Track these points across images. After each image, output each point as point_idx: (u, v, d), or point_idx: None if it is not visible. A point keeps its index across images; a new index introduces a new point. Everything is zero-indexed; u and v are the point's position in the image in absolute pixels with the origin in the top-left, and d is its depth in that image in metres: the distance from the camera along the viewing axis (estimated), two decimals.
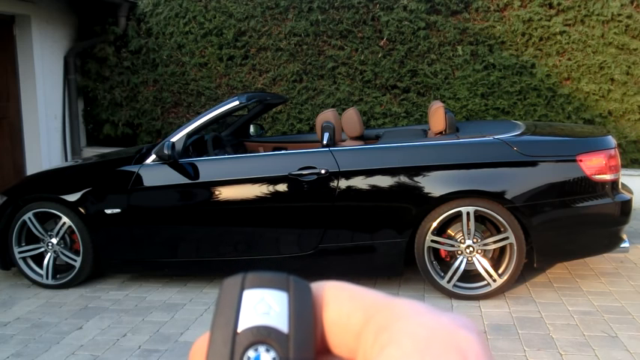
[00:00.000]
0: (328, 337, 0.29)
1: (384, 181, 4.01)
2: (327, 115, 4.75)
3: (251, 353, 0.27)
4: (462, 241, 3.99)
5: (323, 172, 4.05)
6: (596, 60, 6.48)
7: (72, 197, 4.34)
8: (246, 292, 0.29)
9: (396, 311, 0.28)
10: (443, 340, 0.26)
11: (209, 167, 4.26)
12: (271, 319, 0.28)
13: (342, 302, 0.29)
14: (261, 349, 0.27)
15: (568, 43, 6.54)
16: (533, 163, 3.93)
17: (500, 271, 3.96)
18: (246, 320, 0.28)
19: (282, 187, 4.10)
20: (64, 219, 4.36)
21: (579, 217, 3.94)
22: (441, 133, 4.56)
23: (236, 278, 0.29)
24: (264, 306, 0.28)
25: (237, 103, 4.36)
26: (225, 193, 4.17)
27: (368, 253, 4.10)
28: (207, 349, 0.28)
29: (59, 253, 4.46)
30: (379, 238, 4.05)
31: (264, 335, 0.27)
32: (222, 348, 0.27)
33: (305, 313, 0.28)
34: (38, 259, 4.52)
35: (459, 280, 4.00)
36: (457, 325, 0.27)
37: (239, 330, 0.27)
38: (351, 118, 5.03)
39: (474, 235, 3.97)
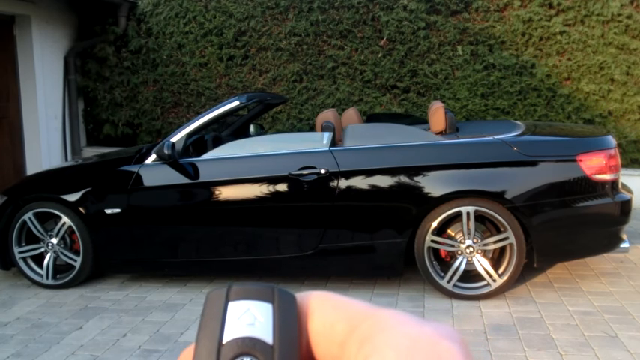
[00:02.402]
0: (313, 347, 0.29)
1: (384, 181, 4.01)
2: (327, 115, 4.75)
3: None
4: (462, 241, 3.99)
5: (323, 172, 4.05)
6: (596, 60, 6.47)
7: (72, 197, 4.35)
8: (231, 304, 0.29)
9: (379, 321, 0.28)
10: (425, 350, 0.27)
11: (209, 167, 4.26)
12: (256, 330, 0.28)
13: (326, 312, 0.29)
14: None
15: (568, 43, 6.54)
16: (533, 163, 3.93)
17: (500, 271, 3.96)
18: (231, 331, 0.28)
19: (282, 187, 4.10)
20: (64, 219, 4.37)
21: (579, 217, 3.94)
22: (441, 133, 4.57)
23: (221, 290, 0.30)
24: (249, 317, 0.28)
25: (237, 103, 4.36)
26: (225, 193, 4.18)
27: (368, 253, 4.10)
28: None
29: (59, 253, 4.46)
30: (379, 238, 4.05)
31: (249, 346, 0.27)
32: (208, 359, 0.27)
33: (289, 323, 0.28)
34: (38, 259, 4.53)
35: (459, 280, 4.00)
36: (440, 336, 0.28)
37: (224, 341, 0.28)
38: (351, 118, 5.03)
39: (474, 235, 3.97)
